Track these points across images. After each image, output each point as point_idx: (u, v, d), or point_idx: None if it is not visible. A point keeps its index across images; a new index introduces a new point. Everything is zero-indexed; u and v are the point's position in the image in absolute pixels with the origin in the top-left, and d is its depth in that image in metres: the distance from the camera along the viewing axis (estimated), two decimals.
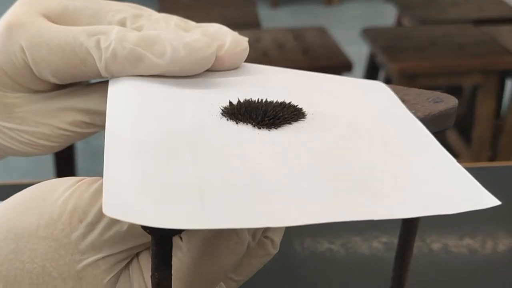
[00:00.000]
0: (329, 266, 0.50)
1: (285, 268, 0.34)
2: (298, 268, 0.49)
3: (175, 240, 0.29)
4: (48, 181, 0.30)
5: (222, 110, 0.30)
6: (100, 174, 0.26)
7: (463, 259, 0.51)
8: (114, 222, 0.28)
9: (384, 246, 0.51)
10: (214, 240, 0.29)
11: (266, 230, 0.31)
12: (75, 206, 0.28)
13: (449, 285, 0.49)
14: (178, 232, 0.24)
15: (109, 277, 0.29)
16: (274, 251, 0.32)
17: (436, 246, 0.52)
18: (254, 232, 0.30)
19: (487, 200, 0.25)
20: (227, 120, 0.29)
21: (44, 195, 0.29)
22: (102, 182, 0.25)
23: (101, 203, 0.27)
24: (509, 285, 0.49)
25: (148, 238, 0.28)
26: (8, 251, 0.28)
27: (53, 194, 0.29)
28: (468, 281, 0.49)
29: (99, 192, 0.28)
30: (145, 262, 0.29)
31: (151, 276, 0.26)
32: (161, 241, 0.25)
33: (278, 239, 0.32)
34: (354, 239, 0.52)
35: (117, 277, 0.29)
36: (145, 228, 0.24)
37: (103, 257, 0.28)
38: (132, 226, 0.28)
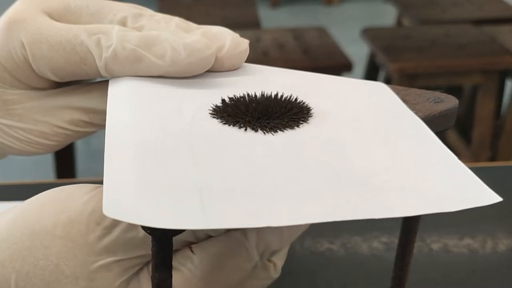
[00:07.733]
0: (329, 266, 0.50)
1: (285, 267, 0.34)
2: (298, 268, 0.49)
3: (186, 251, 0.29)
4: (67, 186, 0.30)
5: (220, 109, 0.30)
6: (100, 174, 0.26)
7: (463, 259, 0.51)
8: (131, 227, 0.28)
9: (384, 246, 0.51)
10: (225, 255, 0.29)
11: (271, 253, 0.31)
12: (94, 209, 0.28)
13: (449, 285, 0.49)
14: (178, 232, 0.24)
15: (120, 281, 0.29)
16: (275, 275, 0.32)
17: (436, 246, 0.52)
18: (262, 252, 0.30)
19: (489, 197, 0.25)
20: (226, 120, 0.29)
21: (63, 196, 0.29)
22: None
23: None
24: (509, 285, 0.49)
25: None
26: (24, 247, 0.29)
27: (73, 196, 0.29)
28: (468, 281, 0.49)
29: None
30: None
31: (151, 277, 0.26)
32: (162, 241, 0.25)
33: (280, 263, 0.33)
34: (354, 239, 0.52)
35: (127, 281, 0.29)
36: (145, 228, 0.24)
37: (117, 261, 0.29)
38: (147, 234, 0.28)
